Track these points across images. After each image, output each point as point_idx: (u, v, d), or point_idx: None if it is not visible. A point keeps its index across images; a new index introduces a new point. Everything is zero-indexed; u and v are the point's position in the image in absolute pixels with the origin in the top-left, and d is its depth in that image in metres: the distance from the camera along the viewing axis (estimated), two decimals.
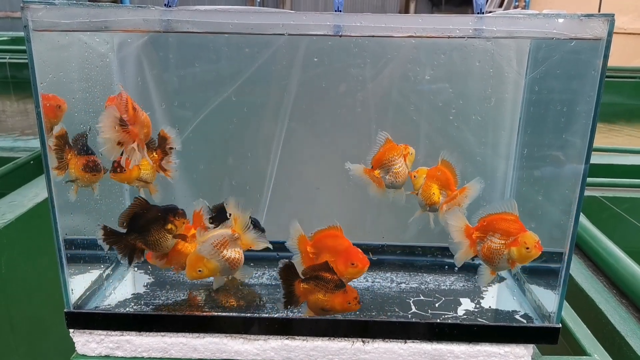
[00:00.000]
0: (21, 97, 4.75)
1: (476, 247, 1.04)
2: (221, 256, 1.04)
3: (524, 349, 1.03)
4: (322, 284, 1.01)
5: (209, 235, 1.04)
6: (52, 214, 1.00)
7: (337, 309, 1.01)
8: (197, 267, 1.05)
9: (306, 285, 1.01)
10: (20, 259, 1.56)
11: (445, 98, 1.21)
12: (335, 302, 1.01)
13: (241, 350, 1.05)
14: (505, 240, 0.99)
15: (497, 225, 1.01)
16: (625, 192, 2.04)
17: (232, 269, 1.06)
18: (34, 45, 0.91)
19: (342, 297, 1.01)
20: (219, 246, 1.04)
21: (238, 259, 1.06)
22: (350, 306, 1.01)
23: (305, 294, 1.02)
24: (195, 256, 1.05)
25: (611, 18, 0.86)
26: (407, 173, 1.11)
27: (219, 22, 0.92)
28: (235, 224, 1.06)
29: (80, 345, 1.06)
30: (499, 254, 1.00)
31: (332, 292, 1.00)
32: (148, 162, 1.10)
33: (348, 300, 1.01)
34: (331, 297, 1.01)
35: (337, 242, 1.02)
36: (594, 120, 0.91)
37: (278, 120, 1.23)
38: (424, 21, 0.91)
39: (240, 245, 1.06)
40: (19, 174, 2.00)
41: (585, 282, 1.40)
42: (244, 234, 1.06)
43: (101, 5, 0.95)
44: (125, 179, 1.09)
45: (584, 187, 0.96)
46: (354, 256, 1.01)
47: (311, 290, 1.01)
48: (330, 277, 1.00)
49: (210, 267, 1.05)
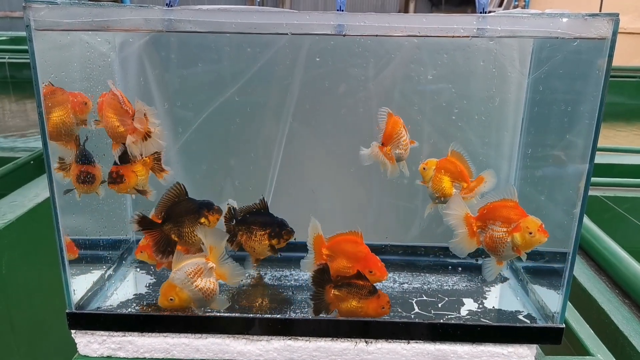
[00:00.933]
0: (20, 97, 4.74)
1: (478, 237, 1.02)
2: (194, 286, 0.99)
3: (527, 349, 1.03)
4: (355, 291, 1.00)
5: (183, 263, 1.00)
6: (54, 214, 0.99)
7: (370, 314, 1.01)
8: (169, 295, 1.01)
9: (337, 292, 1.01)
10: (20, 260, 1.56)
11: (447, 98, 1.21)
12: (370, 308, 1.00)
13: (244, 350, 1.04)
14: (507, 227, 0.98)
15: (497, 212, 0.99)
16: (626, 192, 2.04)
17: (205, 299, 1.01)
18: (36, 45, 0.91)
19: (376, 302, 1.00)
20: (192, 275, 0.99)
21: (212, 289, 1.00)
22: (384, 311, 1.01)
23: (337, 300, 1.01)
24: (168, 284, 1.01)
25: (616, 18, 0.86)
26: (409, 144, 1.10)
27: (222, 21, 0.92)
28: (211, 253, 1.01)
29: (82, 346, 1.05)
30: (502, 242, 0.98)
31: (366, 298, 1.00)
32: (143, 169, 1.09)
33: (382, 305, 1.01)
34: (365, 304, 1.00)
35: (356, 248, 1.01)
36: (598, 120, 0.91)
37: (280, 120, 1.23)
38: (427, 21, 0.91)
39: (214, 276, 1.02)
40: (20, 174, 1.99)
41: (587, 282, 1.40)
42: (220, 264, 1.02)
43: (103, 4, 0.94)
44: (124, 188, 1.07)
45: (587, 188, 0.96)
46: (372, 264, 1.00)
47: (343, 297, 1.01)
48: (363, 284, 1.00)
49: (183, 296, 1.00)
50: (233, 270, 1.03)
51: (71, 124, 1.00)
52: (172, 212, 1.04)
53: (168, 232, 1.04)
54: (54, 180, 0.99)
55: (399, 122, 1.08)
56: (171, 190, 1.04)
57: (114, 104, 1.00)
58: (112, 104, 1.01)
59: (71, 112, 1.00)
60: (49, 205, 0.99)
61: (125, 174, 1.06)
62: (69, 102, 0.99)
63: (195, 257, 1.01)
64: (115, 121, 1.00)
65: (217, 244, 1.02)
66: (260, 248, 1.11)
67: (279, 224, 1.11)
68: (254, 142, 1.25)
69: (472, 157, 1.25)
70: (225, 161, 1.28)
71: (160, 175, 1.12)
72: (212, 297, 1.01)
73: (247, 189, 1.28)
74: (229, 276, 1.03)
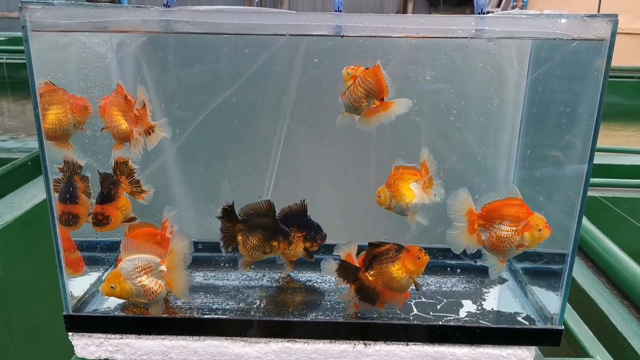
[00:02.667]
0: (18, 98, 4.72)
1: (478, 236, 1.01)
2: (138, 281, 0.97)
3: (526, 351, 1.03)
4: (385, 259, 0.99)
5: (136, 256, 0.98)
6: (50, 215, 0.99)
7: (413, 271, 0.98)
8: (111, 282, 0.98)
9: (373, 272, 1.00)
10: (18, 261, 1.55)
11: (446, 98, 1.20)
12: (408, 265, 0.98)
13: (242, 353, 1.04)
14: (516, 226, 0.97)
15: (504, 212, 0.98)
16: (625, 193, 2.03)
17: (146, 299, 0.99)
18: (33, 46, 0.90)
19: (410, 256, 0.98)
20: (139, 270, 0.97)
21: (155, 291, 0.98)
22: (422, 260, 0.98)
23: (379, 279, 1.00)
24: (114, 272, 0.99)
25: (614, 18, 0.85)
26: None
27: (219, 22, 0.91)
28: (169, 256, 0.99)
29: (79, 348, 1.05)
30: (510, 242, 0.97)
31: (397, 258, 0.98)
32: (127, 202, 1.08)
33: (416, 255, 0.98)
34: (401, 263, 0.98)
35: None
36: (597, 121, 0.91)
37: (278, 121, 1.22)
38: (426, 21, 0.90)
39: (164, 279, 0.99)
40: (17, 175, 1.98)
41: (586, 283, 1.40)
42: (175, 271, 0.99)
43: (100, 5, 0.94)
44: (110, 228, 1.06)
45: (587, 189, 0.95)
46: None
47: (380, 272, 0.99)
48: (387, 248, 0.98)
49: (125, 287, 0.97)
50: (182, 284, 1.00)
51: (68, 124, 1.00)
52: (251, 220, 1.06)
53: (239, 230, 1.06)
54: (51, 181, 0.98)
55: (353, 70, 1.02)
56: (263, 204, 1.06)
57: (119, 103, 1.00)
58: (116, 102, 1.00)
59: (69, 112, 0.99)
60: (46, 206, 0.98)
61: (111, 214, 1.05)
62: (68, 103, 0.99)
63: (151, 254, 0.99)
64: (120, 119, 1.00)
65: (178, 249, 0.99)
66: (296, 250, 1.12)
67: (315, 228, 1.12)
68: (251, 143, 1.25)
69: (471, 158, 1.25)
70: (223, 162, 1.27)
71: (141, 197, 1.11)
72: (153, 298, 0.99)
73: (244, 190, 1.28)
74: (176, 287, 1.00)
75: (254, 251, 1.07)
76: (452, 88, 1.19)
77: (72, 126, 1.00)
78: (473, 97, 1.21)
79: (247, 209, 1.07)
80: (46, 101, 0.96)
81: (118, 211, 1.05)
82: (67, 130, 1.00)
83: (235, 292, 1.15)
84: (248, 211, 1.07)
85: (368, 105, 1.00)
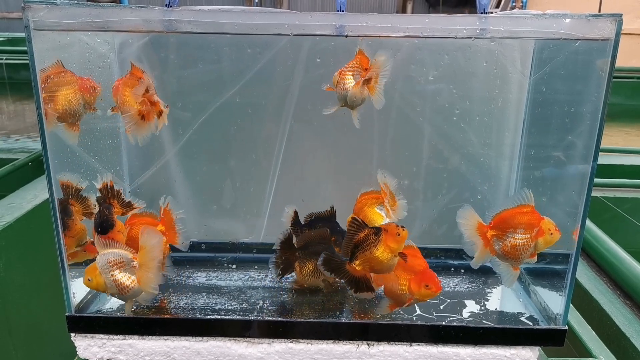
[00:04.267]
0: (18, 99, 4.72)
1: (492, 247, 1.01)
2: (110, 275, 0.98)
3: (529, 352, 1.03)
4: (366, 245, 0.98)
5: (110, 250, 0.98)
6: (53, 216, 0.98)
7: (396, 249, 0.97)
8: (88, 275, 0.99)
9: (357, 261, 0.99)
10: (19, 262, 1.55)
11: (448, 99, 1.20)
12: (390, 245, 0.97)
13: (245, 353, 1.04)
14: (530, 233, 0.97)
15: (517, 220, 0.98)
16: (626, 193, 2.03)
17: (118, 292, 0.99)
18: (35, 46, 0.90)
19: (392, 236, 0.96)
20: (112, 264, 0.97)
21: (127, 286, 0.98)
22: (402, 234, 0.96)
23: (365, 265, 0.99)
24: (92, 265, 0.99)
25: (619, 18, 0.85)
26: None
27: (223, 22, 0.91)
28: (140, 252, 0.99)
29: (81, 349, 1.04)
30: (526, 249, 0.97)
31: (378, 241, 0.97)
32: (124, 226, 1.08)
33: (396, 232, 0.96)
34: (384, 245, 0.97)
35: (414, 261, 0.99)
36: (601, 122, 0.91)
37: (281, 121, 1.22)
38: (429, 21, 0.90)
39: (135, 274, 0.99)
40: (18, 175, 1.98)
41: (588, 283, 1.40)
42: (146, 268, 0.99)
43: (103, 5, 0.94)
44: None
45: (590, 189, 0.95)
46: (429, 279, 0.97)
47: (365, 258, 0.99)
48: (365, 235, 0.98)
49: (99, 281, 0.98)
50: (151, 280, 0.99)
51: (77, 104, 0.99)
52: (308, 247, 1.08)
53: (296, 259, 1.09)
54: (53, 182, 0.98)
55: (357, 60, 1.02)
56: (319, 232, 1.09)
57: (132, 84, 1.00)
58: (130, 84, 1.00)
59: (78, 92, 0.99)
60: (47, 207, 0.98)
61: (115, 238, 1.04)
62: (76, 84, 0.99)
63: (124, 249, 0.99)
64: (132, 100, 0.99)
65: (148, 246, 0.98)
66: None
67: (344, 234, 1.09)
68: (254, 143, 1.25)
69: (473, 158, 1.24)
70: (226, 162, 1.27)
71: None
72: (125, 292, 0.99)
73: (247, 190, 1.27)
74: (144, 284, 1.00)
75: (310, 277, 1.10)
76: (454, 88, 1.19)
77: (82, 107, 1.00)
78: (476, 97, 1.21)
79: (304, 237, 1.08)
80: (55, 83, 0.96)
81: (119, 235, 1.05)
82: (77, 110, 0.99)
83: (238, 292, 1.15)
84: (305, 239, 1.08)
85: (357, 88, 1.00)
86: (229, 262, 1.28)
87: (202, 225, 1.28)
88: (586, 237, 1.58)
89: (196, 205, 1.29)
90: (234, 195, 1.28)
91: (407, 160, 1.26)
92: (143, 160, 1.26)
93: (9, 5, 11.21)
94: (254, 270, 1.24)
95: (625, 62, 5.56)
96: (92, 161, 1.14)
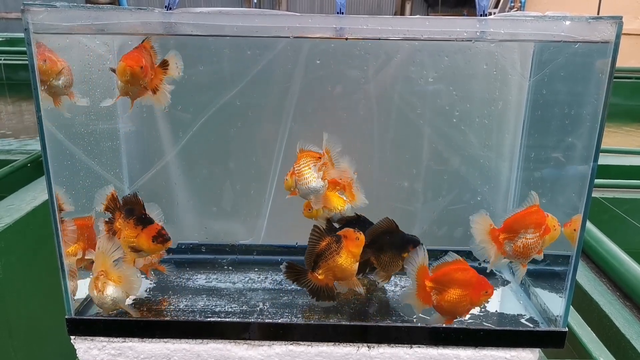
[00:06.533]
0: (16, 99, 4.71)
1: (503, 249, 1.03)
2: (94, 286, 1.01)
3: (530, 353, 1.03)
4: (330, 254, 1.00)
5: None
6: (53, 217, 0.98)
7: (357, 252, 1.00)
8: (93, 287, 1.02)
9: (320, 270, 1.00)
10: (18, 264, 1.55)
11: (448, 100, 1.20)
12: (351, 248, 1.00)
13: (245, 356, 1.03)
14: (539, 232, 1.00)
15: (527, 221, 1.01)
16: (625, 193, 2.04)
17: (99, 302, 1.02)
18: (35, 48, 0.90)
19: (349, 241, 0.99)
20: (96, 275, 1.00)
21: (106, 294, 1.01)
22: (360, 237, 1.00)
23: (326, 276, 1.01)
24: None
25: (619, 21, 0.85)
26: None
27: (223, 24, 0.91)
28: (97, 261, 1.00)
29: (81, 352, 1.04)
30: (536, 247, 1.00)
31: (340, 249, 0.99)
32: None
33: (355, 237, 0.99)
34: (346, 251, 0.99)
35: (467, 275, 0.98)
36: (602, 124, 0.91)
37: (281, 123, 1.22)
38: (430, 24, 0.90)
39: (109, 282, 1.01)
40: (16, 177, 1.97)
41: (588, 284, 1.40)
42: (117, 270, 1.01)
43: (102, 7, 0.93)
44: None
45: (591, 191, 0.95)
46: (485, 285, 0.98)
47: (328, 269, 1.00)
48: (327, 243, 0.99)
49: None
50: (129, 278, 1.01)
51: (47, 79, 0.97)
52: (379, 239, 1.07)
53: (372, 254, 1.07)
54: (52, 183, 0.98)
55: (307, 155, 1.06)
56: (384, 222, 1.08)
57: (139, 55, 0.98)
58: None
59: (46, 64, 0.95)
60: (46, 208, 0.98)
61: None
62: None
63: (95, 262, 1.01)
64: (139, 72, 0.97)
65: (103, 251, 1.00)
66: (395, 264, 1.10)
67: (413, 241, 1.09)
68: (254, 145, 1.25)
69: (473, 160, 1.24)
70: (226, 164, 1.27)
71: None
72: (97, 302, 1.01)
73: (247, 192, 1.27)
74: (124, 283, 1.01)
75: (388, 267, 1.09)
76: (454, 90, 1.19)
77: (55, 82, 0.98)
78: (476, 99, 1.21)
79: (372, 231, 1.07)
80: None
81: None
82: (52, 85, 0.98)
83: (238, 294, 1.15)
84: (373, 233, 1.07)
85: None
86: (228, 264, 1.28)
87: (202, 227, 1.27)
88: (586, 238, 1.58)
89: (196, 207, 1.29)
90: (234, 197, 1.28)
91: (408, 162, 1.26)
92: (142, 162, 1.26)
93: (8, 6, 11.19)
94: (254, 272, 1.23)
95: (624, 62, 5.56)
96: (92, 163, 1.14)
